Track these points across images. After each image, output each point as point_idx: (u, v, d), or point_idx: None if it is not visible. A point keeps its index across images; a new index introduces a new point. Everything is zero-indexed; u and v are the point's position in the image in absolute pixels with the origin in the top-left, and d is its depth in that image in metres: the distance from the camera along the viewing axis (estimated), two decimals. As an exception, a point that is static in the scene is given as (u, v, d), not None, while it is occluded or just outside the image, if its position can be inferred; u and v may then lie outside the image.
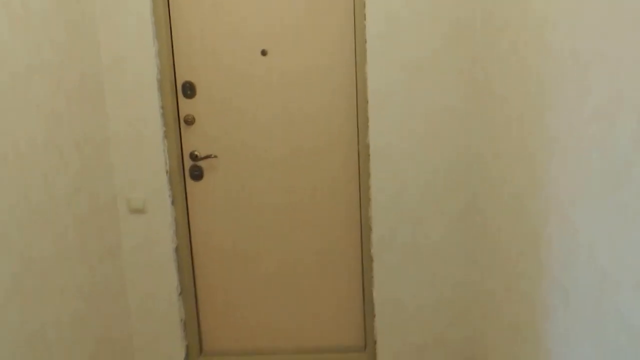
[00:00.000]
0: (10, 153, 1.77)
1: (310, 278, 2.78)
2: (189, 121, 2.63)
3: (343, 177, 2.67)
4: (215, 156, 2.66)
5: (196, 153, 2.65)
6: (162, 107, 2.54)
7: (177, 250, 2.67)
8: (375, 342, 2.72)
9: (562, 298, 1.65)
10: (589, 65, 1.41)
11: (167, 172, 2.57)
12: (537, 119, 1.80)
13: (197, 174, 2.68)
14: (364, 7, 2.43)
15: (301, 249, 2.75)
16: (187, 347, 2.77)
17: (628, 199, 1.23)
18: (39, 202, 1.93)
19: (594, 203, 1.41)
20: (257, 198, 2.70)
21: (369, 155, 2.53)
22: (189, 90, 2.61)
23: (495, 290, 2.39)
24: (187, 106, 2.62)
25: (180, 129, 2.64)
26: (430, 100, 2.46)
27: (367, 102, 2.49)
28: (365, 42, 2.45)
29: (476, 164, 2.52)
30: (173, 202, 2.62)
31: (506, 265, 2.23)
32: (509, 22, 2.07)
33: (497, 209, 2.31)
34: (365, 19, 2.43)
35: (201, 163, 2.67)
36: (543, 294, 1.81)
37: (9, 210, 1.76)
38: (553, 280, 1.71)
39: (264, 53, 2.58)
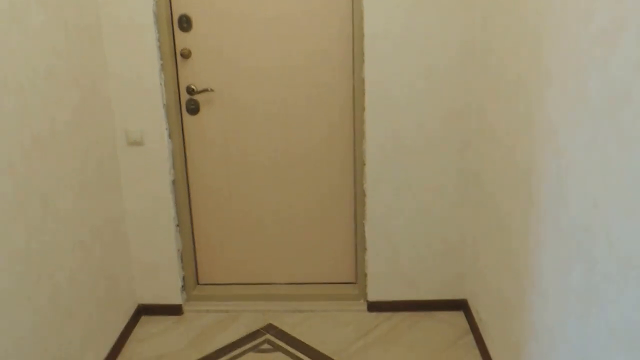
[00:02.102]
0: (11, 81, 1.78)
1: (304, 212, 2.82)
2: (185, 55, 2.63)
3: (338, 109, 2.68)
4: (212, 90, 2.66)
5: (192, 87, 2.65)
6: (159, 40, 2.53)
7: (174, 183, 2.71)
8: (365, 276, 2.78)
9: (553, 228, 1.66)
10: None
11: (164, 106, 2.59)
12: (535, 50, 1.78)
13: (193, 108, 2.69)
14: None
15: (295, 184, 2.78)
16: (184, 278, 2.84)
17: (625, 123, 1.22)
18: (40, 131, 1.95)
19: (589, 131, 1.40)
20: (252, 133, 2.72)
21: (364, 89, 2.53)
22: (185, 23, 2.60)
23: (487, 225, 2.42)
24: (183, 39, 2.62)
25: (176, 62, 2.64)
26: (428, 36, 2.44)
27: (363, 36, 2.47)
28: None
29: (473, 99, 2.50)
30: (170, 136, 2.65)
31: (498, 200, 2.25)
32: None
33: (492, 145, 2.31)
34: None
35: (197, 97, 2.68)
36: (534, 225, 1.82)
37: (14, 138, 1.79)
38: (545, 211, 1.72)
39: (260, -15, 2.56)
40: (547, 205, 1.70)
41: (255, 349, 2.58)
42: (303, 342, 2.60)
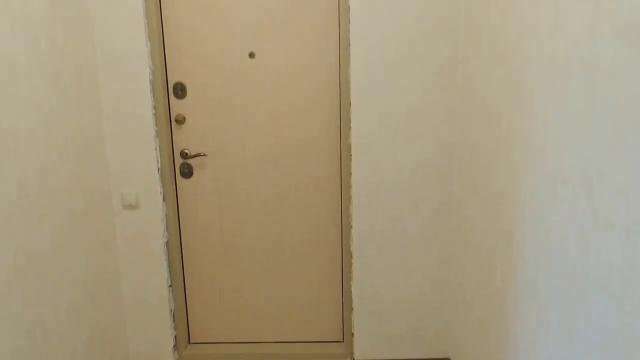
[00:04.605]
0: (10, 148, 1.86)
1: (293, 273, 2.91)
2: (180, 120, 2.74)
3: (326, 173, 2.79)
4: (205, 154, 2.78)
5: (186, 151, 2.77)
6: (154, 107, 2.65)
7: (167, 244, 2.79)
8: (352, 335, 2.85)
9: (533, 295, 1.74)
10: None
11: (158, 170, 2.69)
12: (519, 118, 1.90)
13: (187, 172, 2.80)
14: (349, 10, 2.54)
15: (285, 245, 2.88)
16: (176, 337, 2.89)
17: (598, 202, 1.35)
18: (38, 197, 2.03)
19: (567, 201, 1.51)
20: (243, 195, 2.82)
21: (350, 154, 2.66)
22: (180, 90, 2.73)
23: (468, 285, 2.51)
24: (178, 106, 2.74)
25: (171, 128, 2.75)
26: (410, 99, 2.59)
27: (350, 103, 2.61)
28: (349, 45, 2.55)
29: (454, 161, 2.63)
30: (164, 199, 2.74)
31: (479, 262, 2.34)
32: (491, 27, 2.19)
33: (473, 207, 2.41)
34: (350, 22, 2.54)
35: (191, 161, 2.79)
36: (514, 290, 1.90)
37: (10, 204, 1.86)
38: (525, 277, 1.81)
39: (251, 55, 2.69)
40: (529, 272, 1.79)
41: (245, 408, 2.62)
42: (292, 402, 2.65)
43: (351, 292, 2.80)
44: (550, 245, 1.63)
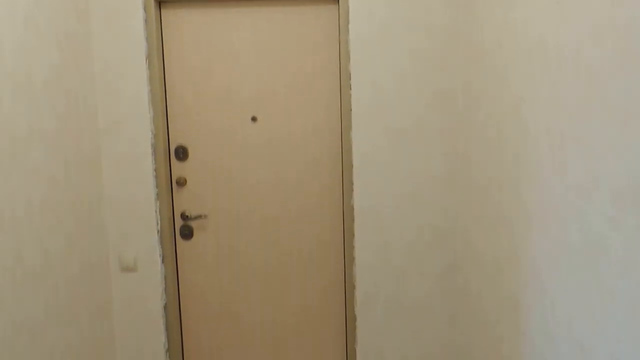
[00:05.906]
0: (7, 216, 1.83)
1: (296, 335, 2.86)
2: (181, 183, 2.74)
3: (328, 236, 2.80)
4: (205, 216, 2.77)
5: (187, 213, 2.75)
6: (155, 170, 2.65)
7: (165, 307, 2.73)
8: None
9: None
10: (564, 145, 1.56)
11: (158, 232, 2.67)
12: (514, 190, 1.95)
13: (187, 233, 2.78)
14: (350, 77, 2.61)
15: (287, 307, 2.84)
16: (173, 405, 2.81)
17: (604, 275, 1.36)
18: (33, 264, 1.99)
19: (571, 277, 1.54)
20: (244, 257, 2.80)
21: (353, 216, 2.67)
22: (182, 153, 2.74)
23: (476, 350, 2.50)
24: (179, 168, 2.74)
25: (172, 190, 2.75)
26: (413, 165, 2.64)
27: (352, 165, 2.65)
28: (351, 110, 2.62)
29: (457, 226, 2.67)
30: (163, 261, 2.71)
31: (486, 327, 2.34)
32: (487, 94, 2.27)
33: (477, 271, 2.43)
34: (350, 89, 2.61)
35: (191, 223, 2.77)
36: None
37: (4, 274, 1.81)
38: (533, 348, 1.82)
39: (254, 119, 2.73)
40: (536, 346, 1.80)
41: None
42: None
43: (356, 355, 2.76)
44: (556, 319, 1.64)
